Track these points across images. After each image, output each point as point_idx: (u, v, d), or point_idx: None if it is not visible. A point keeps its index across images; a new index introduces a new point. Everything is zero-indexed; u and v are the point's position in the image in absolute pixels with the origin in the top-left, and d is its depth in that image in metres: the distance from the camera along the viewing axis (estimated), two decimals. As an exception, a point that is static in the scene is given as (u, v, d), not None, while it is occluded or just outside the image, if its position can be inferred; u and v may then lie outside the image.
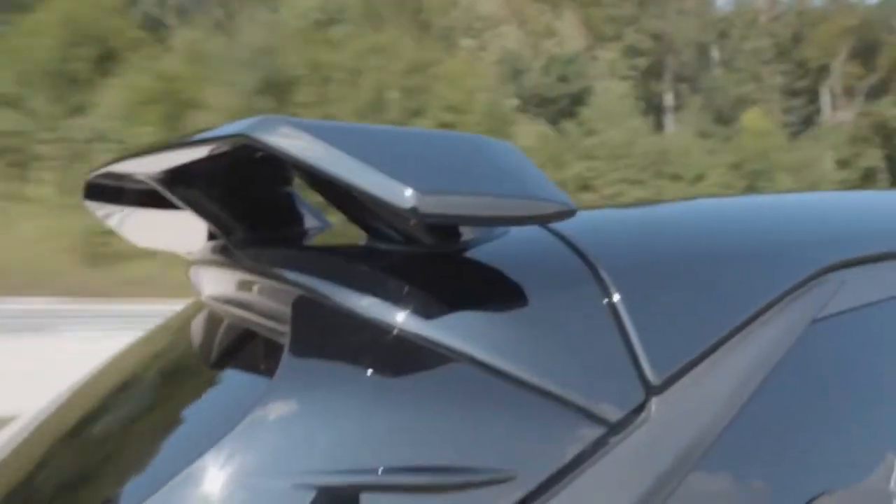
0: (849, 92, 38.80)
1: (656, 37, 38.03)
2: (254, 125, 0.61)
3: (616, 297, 0.70)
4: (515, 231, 0.78)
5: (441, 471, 0.60)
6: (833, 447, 0.75)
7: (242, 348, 0.89)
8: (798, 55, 39.37)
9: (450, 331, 0.65)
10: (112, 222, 1.11)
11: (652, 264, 0.76)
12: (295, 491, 0.58)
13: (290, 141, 0.59)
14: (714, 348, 0.71)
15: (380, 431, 0.62)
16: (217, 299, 0.98)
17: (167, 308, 1.48)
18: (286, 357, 0.67)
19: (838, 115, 38.38)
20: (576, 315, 0.69)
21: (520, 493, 0.61)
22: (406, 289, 0.68)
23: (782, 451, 0.71)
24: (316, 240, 0.93)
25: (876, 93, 38.17)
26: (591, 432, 0.65)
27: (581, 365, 0.67)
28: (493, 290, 0.70)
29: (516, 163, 0.65)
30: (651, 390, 0.67)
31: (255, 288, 0.86)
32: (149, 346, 1.11)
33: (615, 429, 0.65)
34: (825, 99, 39.21)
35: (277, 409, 0.63)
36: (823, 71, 39.09)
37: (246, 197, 0.90)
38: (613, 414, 0.65)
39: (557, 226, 0.76)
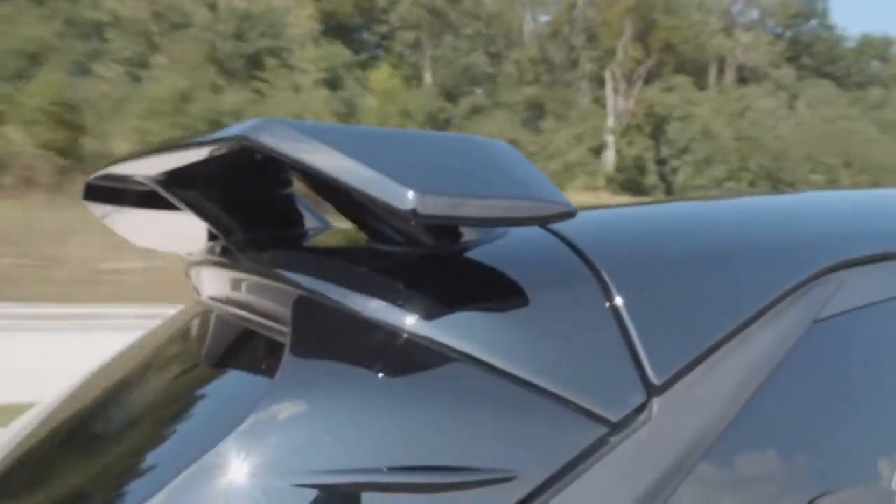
0: (628, 77, 37.63)
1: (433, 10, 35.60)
2: (254, 127, 0.61)
3: (617, 298, 0.70)
4: (515, 232, 0.78)
5: (443, 470, 0.61)
6: (834, 447, 0.75)
7: (243, 349, 0.90)
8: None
9: (451, 331, 0.65)
10: (112, 223, 1.10)
11: (653, 265, 0.76)
12: (297, 490, 0.59)
13: (290, 143, 0.60)
14: (715, 348, 0.71)
15: (381, 431, 0.62)
16: (217, 300, 0.98)
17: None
18: (287, 357, 0.68)
19: (619, 102, 37.08)
20: (577, 315, 0.69)
21: (521, 493, 0.61)
22: (406, 289, 0.68)
23: (783, 452, 0.71)
24: (316, 241, 0.93)
25: (653, 77, 37.23)
26: (593, 432, 0.65)
27: (582, 365, 0.67)
28: (494, 291, 0.70)
29: (516, 163, 0.66)
30: (652, 390, 0.68)
31: (255, 288, 0.87)
32: (149, 346, 1.10)
33: (617, 429, 0.65)
34: (608, 84, 37.67)
35: (278, 410, 0.64)
36: (610, 54, 37.67)
37: (245, 198, 0.90)
38: (615, 414, 0.66)
39: (557, 226, 0.76)
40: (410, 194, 0.57)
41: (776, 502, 0.70)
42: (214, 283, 1.01)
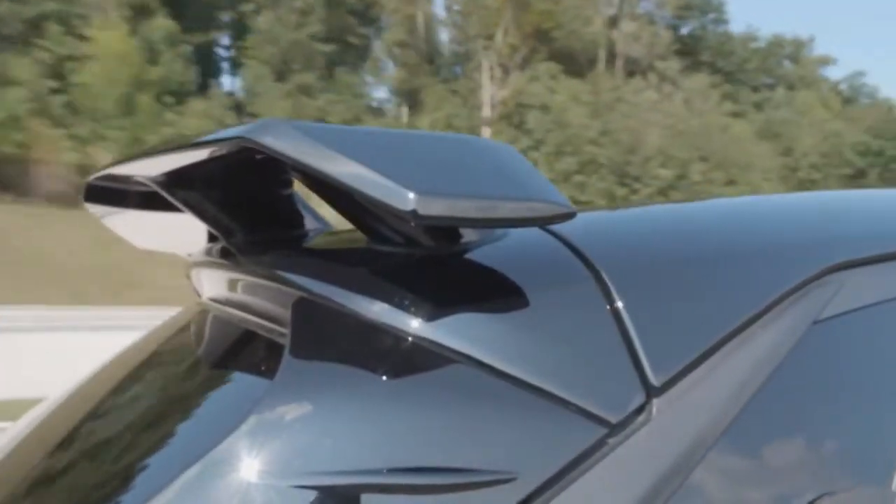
0: (504, 65, 36.15)
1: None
2: (255, 128, 0.62)
3: (617, 299, 0.70)
4: (515, 233, 0.78)
5: (442, 471, 0.61)
6: (834, 448, 0.75)
7: (242, 350, 0.90)
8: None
9: (450, 332, 0.66)
10: (112, 224, 1.11)
11: (652, 265, 0.77)
12: (296, 491, 0.59)
13: (290, 144, 0.60)
14: (715, 349, 0.72)
15: (380, 432, 0.62)
16: (217, 301, 0.99)
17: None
18: (286, 359, 0.68)
19: (496, 91, 36.02)
20: (576, 316, 0.70)
21: (521, 494, 0.62)
22: (406, 291, 0.68)
23: (783, 453, 0.72)
24: (315, 242, 0.93)
25: (529, 66, 36.20)
26: (593, 434, 0.65)
27: (582, 366, 0.67)
28: (494, 292, 0.70)
29: (516, 165, 0.66)
30: (652, 392, 0.68)
31: (255, 290, 0.87)
32: (148, 347, 1.11)
33: (616, 430, 0.66)
34: (485, 73, 35.87)
35: (277, 411, 0.64)
36: (490, 41, 36.09)
37: (246, 199, 0.91)
38: (615, 415, 0.66)
39: (557, 228, 0.77)
40: (411, 195, 0.57)
41: (776, 503, 0.70)
42: (214, 285, 1.01)
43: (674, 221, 0.91)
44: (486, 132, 33.66)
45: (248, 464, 0.61)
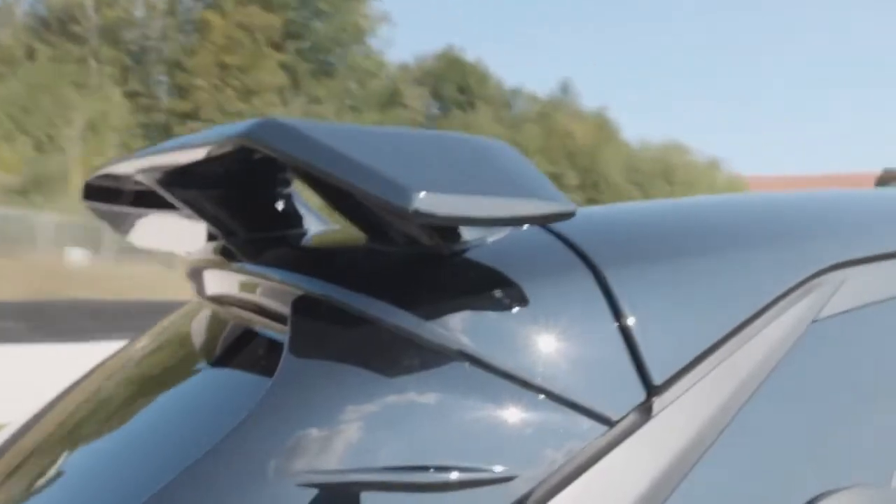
0: None
1: None
2: (254, 127, 0.62)
3: (617, 297, 0.71)
4: (515, 231, 0.78)
5: (441, 470, 0.61)
6: (834, 448, 0.75)
7: (242, 348, 0.90)
8: None
9: (450, 331, 0.66)
10: (111, 223, 1.11)
11: (653, 264, 0.76)
12: (295, 490, 0.59)
13: (290, 142, 0.60)
14: (715, 348, 0.72)
15: (380, 430, 0.62)
16: (216, 300, 0.99)
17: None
18: (286, 357, 0.68)
19: None
20: (577, 315, 0.70)
21: (520, 493, 0.62)
22: (406, 289, 0.69)
23: (783, 452, 0.72)
24: (315, 240, 0.93)
25: None
26: (593, 432, 0.65)
27: (582, 365, 0.67)
28: (494, 291, 0.70)
29: (516, 164, 0.66)
30: (652, 390, 0.68)
31: (255, 288, 0.87)
32: (147, 346, 1.11)
33: (617, 428, 0.66)
34: None
35: (277, 409, 0.64)
36: None
37: (245, 198, 0.91)
38: (615, 414, 0.66)
39: (557, 226, 0.77)
40: (413, 194, 0.57)
41: (775, 502, 0.70)
42: (213, 283, 1.00)
43: (674, 219, 0.91)
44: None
45: (248, 462, 0.60)
